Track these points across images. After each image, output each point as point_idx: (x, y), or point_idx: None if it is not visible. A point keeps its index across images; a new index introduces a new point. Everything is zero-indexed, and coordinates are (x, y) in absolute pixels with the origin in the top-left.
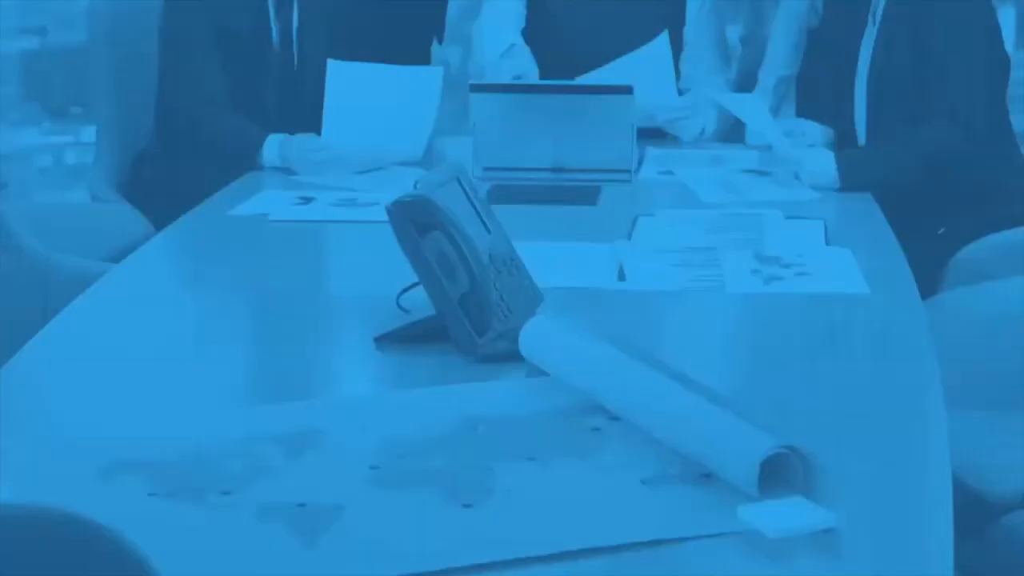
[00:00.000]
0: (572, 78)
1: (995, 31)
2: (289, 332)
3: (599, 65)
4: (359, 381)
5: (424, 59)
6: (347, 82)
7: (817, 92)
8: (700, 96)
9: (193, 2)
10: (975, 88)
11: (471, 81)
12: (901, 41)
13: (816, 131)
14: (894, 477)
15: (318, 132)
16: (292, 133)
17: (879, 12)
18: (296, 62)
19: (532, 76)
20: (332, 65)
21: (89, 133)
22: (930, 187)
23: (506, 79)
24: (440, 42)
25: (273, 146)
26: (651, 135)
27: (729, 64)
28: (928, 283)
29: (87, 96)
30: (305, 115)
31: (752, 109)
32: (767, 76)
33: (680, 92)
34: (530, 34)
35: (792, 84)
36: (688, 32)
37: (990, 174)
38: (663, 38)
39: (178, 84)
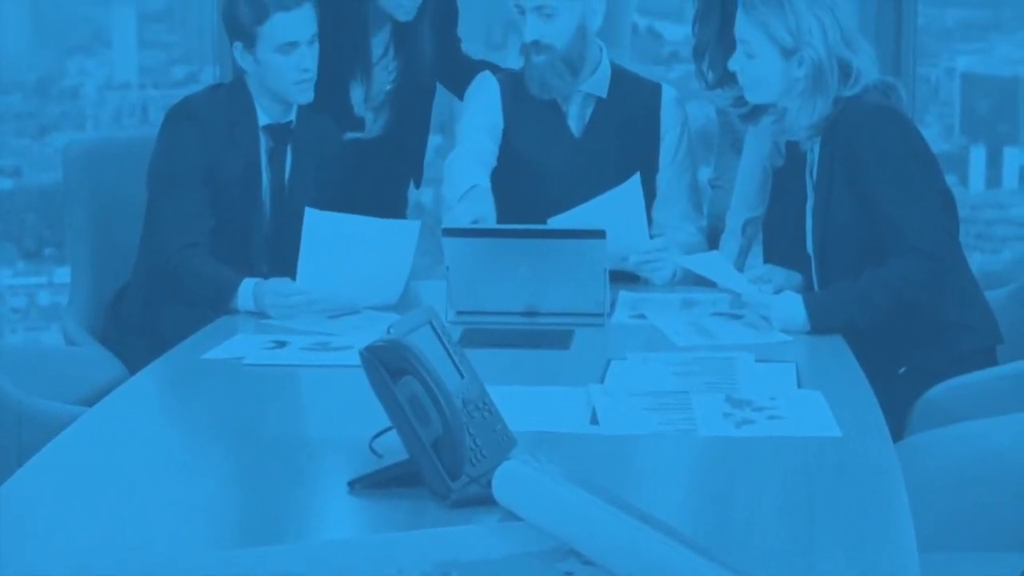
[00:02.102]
0: (545, 220)
1: (937, 170)
2: (262, 476)
3: (572, 207)
4: (332, 525)
5: (401, 203)
6: (323, 231)
7: (785, 235)
8: (672, 239)
9: (184, 142)
10: (932, 221)
11: (442, 224)
12: (839, 196)
13: (783, 276)
14: None
15: None
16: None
17: (815, 171)
18: (285, 212)
19: (490, 220)
20: (309, 213)
21: (63, 274)
22: (891, 326)
23: (464, 222)
24: (417, 186)
25: (247, 290)
26: (623, 278)
27: (702, 212)
28: (892, 423)
29: (62, 237)
30: (289, 263)
31: (716, 266)
32: (734, 218)
33: (652, 238)
34: (502, 174)
35: (759, 225)
36: (661, 179)
37: (950, 310)
38: (635, 180)
39: (161, 224)
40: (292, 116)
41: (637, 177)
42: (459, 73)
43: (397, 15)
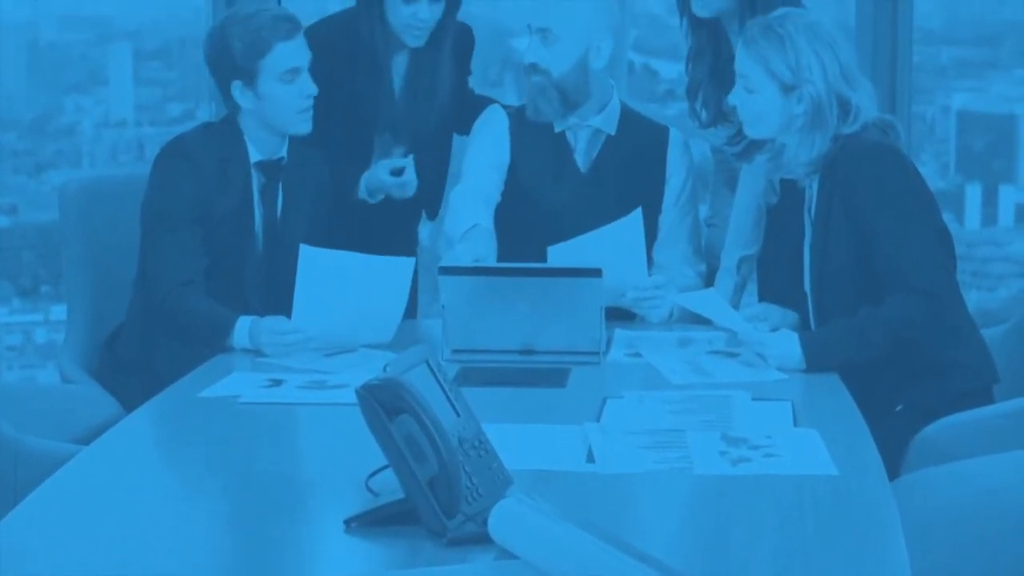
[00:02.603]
0: (546, 253)
1: (934, 208)
2: (259, 514)
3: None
4: (329, 564)
5: (411, 239)
6: (318, 268)
7: (780, 273)
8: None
9: (176, 181)
10: (930, 259)
11: (440, 261)
12: (837, 232)
13: (778, 315)
14: None
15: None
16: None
17: (813, 208)
18: (278, 247)
19: (490, 260)
20: (304, 250)
21: (59, 311)
22: (887, 364)
23: (465, 262)
24: (432, 218)
25: (243, 328)
26: (618, 315)
27: (702, 256)
28: (888, 461)
29: (58, 275)
30: (284, 300)
31: (712, 304)
32: (728, 257)
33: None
34: (507, 207)
35: (754, 263)
36: (663, 221)
37: (946, 349)
38: (636, 214)
39: (155, 262)
40: (283, 152)
41: (639, 211)
42: (463, 107)
43: (407, 40)
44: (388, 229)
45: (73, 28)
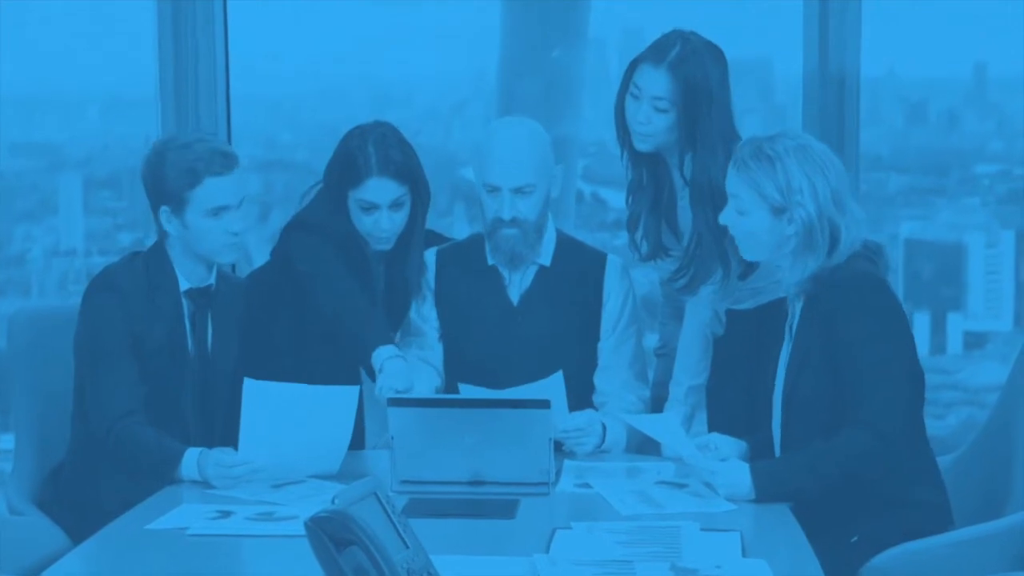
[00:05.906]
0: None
1: (910, 346)
2: None
3: (506, 375)
4: None
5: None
6: (263, 401)
7: (729, 403)
8: (599, 415)
9: (108, 313)
10: (891, 397)
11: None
12: (814, 355)
13: (729, 445)
14: None
15: (235, 440)
16: (210, 442)
17: (795, 325)
18: (210, 375)
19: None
20: (248, 384)
21: (7, 441)
22: (844, 496)
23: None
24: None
25: (191, 460)
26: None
27: (646, 381)
28: None
29: (5, 405)
30: (221, 424)
31: (665, 428)
32: (676, 386)
33: (596, 406)
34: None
35: (703, 393)
36: (602, 348)
37: (905, 487)
38: (557, 376)
39: (95, 396)
40: (212, 279)
41: (559, 375)
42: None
43: (374, 245)
44: (332, 359)
45: (23, 156)
